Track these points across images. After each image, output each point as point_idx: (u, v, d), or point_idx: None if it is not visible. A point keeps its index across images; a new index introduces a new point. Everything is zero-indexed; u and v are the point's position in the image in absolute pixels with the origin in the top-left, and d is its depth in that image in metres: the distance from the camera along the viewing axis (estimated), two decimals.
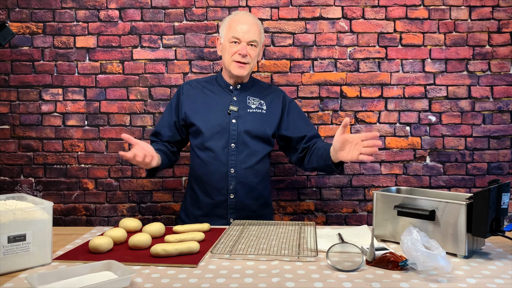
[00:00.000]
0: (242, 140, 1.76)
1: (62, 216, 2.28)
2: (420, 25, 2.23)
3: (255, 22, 1.77)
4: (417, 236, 1.16)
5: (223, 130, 1.76)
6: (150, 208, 2.29)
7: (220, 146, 1.75)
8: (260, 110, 1.81)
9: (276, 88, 1.94)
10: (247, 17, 1.77)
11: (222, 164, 1.75)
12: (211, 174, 1.76)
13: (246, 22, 1.74)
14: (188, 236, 1.38)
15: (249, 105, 1.80)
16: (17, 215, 1.15)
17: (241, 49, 1.72)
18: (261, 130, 1.78)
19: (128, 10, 2.24)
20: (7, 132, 2.26)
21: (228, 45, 1.75)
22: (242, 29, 1.72)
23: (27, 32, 2.24)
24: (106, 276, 1.08)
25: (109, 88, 2.26)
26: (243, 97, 1.82)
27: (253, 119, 1.78)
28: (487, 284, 1.07)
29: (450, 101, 2.24)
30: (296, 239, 1.40)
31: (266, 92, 1.87)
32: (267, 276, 1.12)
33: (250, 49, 1.73)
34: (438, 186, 2.26)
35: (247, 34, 1.72)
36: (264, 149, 1.81)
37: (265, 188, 1.84)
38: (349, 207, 2.28)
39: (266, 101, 1.84)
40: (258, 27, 1.77)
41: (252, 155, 1.77)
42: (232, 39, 1.73)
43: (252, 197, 1.79)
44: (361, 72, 2.24)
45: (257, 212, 1.80)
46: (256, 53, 1.77)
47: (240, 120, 1.77)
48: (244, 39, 1.72)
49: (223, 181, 1.75)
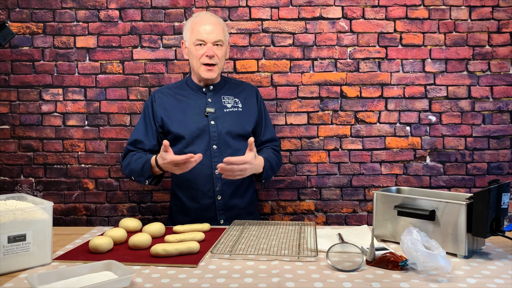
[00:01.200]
0: (224, 140, 1.75)
1: (62, 216, 2.28)
2: (420, 25, 2.23)
3: (217, 21, 1.76)
4: (417, 236, 1.16)
5: (203, 132, 1.74)
6: (150, 208, 2.29)
7: (201, 149, 1.72)
8: (236, 108, 1.81)
9: (247, 84, 1.94)
10: (209, 17, 1.75)
11: (205, 167, 1.72)
12: (195, 178, 1.74)
13: (209, 22, 1.73)
14: (188, 236, 1.38)
15: (225, 105, 1.80)
16: (17, 215, 1.15)
17: (207, 50, 1.70)
18: (241, 129, 1.78)
19: (128, 10, 2.24)
20: (7, 132, 2.26)
21: (194, 48, 1.73)
22: (205, 30, 1.71)
23: (27, 32, 2.24)
24: (106, 276, 1.08)
25: (109, 88, 2.26)
26: (217, 97, 1.81)
27: (231, 118, 1.78)
28: (487, 284, 1.07)
29: (450, 101, 2.24)
30: (296, 239, 1.40)
31: (238, 89, 1.87)
32: (267, 276, 1.12)
33: (216, 49, 1.72)
34: (438, 186, 2.26)
35: (212, 35, 1.71)
36: (245, 146, 1.78)
37: (249, 185, 1.84)
38: (349, 207, 2.28)
39: (241, 99, 1.83)
40: (221, 26, 1.76)
41: (234, 154, 1.73)
42: (197, 41, 1.72)
43: (238, 195, 1.78)
44: (361, 72, 2.24)
45: (245, 209, 1.80)
46: (222, 52, 1.75)
47: (218, 121, 1.76)
48: (209, 40, 1.70)
49: (209, 184, 1.74)
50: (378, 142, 2.26)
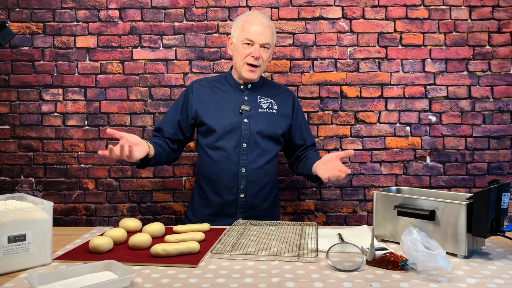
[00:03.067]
0: (254, 139, 1.75)
1: (62, 216, 2.28)
2: (420, 25, 2.23)
3: (268, 24, 1.76)
4: (417, 236, 1.16)
5: (235, 129, 1.75)
6: (150, 208, 2.29)
7: (231, 145, 1.74)
8: (271, 110, 1.81)
9: (286, 88, 1.94)
10: (261, 18, 1.75)
11: (233, 163, 1.74)
12: (221, 173, 1.75)
13: (260, 23, 1.72)
14: (188, 236, 1.38)
15: (260, 105, 1.80)
16: (17, 215, 1.15)
17: (254, 51, 1.70)
18: (272, 130, 1.78)
19: (128, 10, 2.24)
20: (7, 132, 2.26)
21: (241, 47, 1.73)
22: (256, 31, 1.71)
23: (27, 32, 2.24)
24: (106, 276, 1.08)
25: (109, 88, 2.26)
26: (254, 96, 1.81)
27: (264, 119, 1.78)
28: (487, 284, 1.07)
29: (450, 101, 2.24)
30: (296, 239, 1.40)
31: (276, 91, 1.87)
32: (267, 276, 1.12)
33: (262, 51, 1.72)
34: (438, 186, 2.26)
35: (261, 36, 1.71)
36: (274, 148, 1.81)
37: (273, 187, 1.84)
38: (349, 207, 2.28)
39: (277, 101, 1.84)
40: (271, 29, 1.76)
41: (262, 154, 1.77)
42: (245, 40, 1.72)
43: (261, 196, 1.79)
44: (361, 72, 2.24)
45: (266, 211, 1.81)
46: (268, 55, 1.76)
47: (251, 119, 1.76)
48: (258, 41, 1.71)
49: (234, 180, 1.75)
50: (378, 142, 2.26)
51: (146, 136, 2.26)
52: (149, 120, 2.26)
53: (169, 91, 2.25)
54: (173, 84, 2.25)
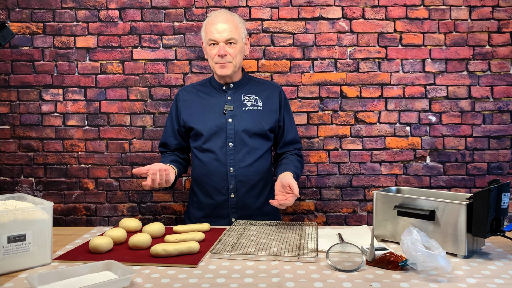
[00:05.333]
0: (240, 138, 1.76)
1: (62, 216, 2.28)
2: (420, 25, 2.23)
3: (230, 18, 1.76)
4: (417, 236, 1.16)
5: (220, 130, 1.76)
6: (150, 208, 2.29)
7: (218, 146, 1.76)
8: (256, 107, 1.81)
9: (272, 83, 1.94)
10: (221, 16, 1.76)
11: (221, 164, 1.76)
12: (211, 174, 1.77)
13: (220, 21, 1.73)
14: (188, 236, 1.38)
15: (245, 103, 1.81)
16: (17, 215, 1.15)
17: (218, 50, 1.72)
18: (259, 127, 1.78)
19: (128, 10, 2.24)
20: (7, 132, 2.26)
21: (208, 48, 1.76)
22: (217, 29, 1.72)
23: (27, 32, 2.24)
24: (106, 276, 1.08)
25: (109, 88, 2.26)
26: (237, 95, 1.82)
27: (250, 116, 1.78)
28: (487, 284, 1.07)
29: (450, 101, 2.24)
30: (296, 239, 1.40)
31: (261, 87, 1.87)
32: (267, 276, 1.12)
33: (229, 47, 1.73)
34: (438, 186, 2.26)
35: (223, 34, 1.72)
36: (263, 145, 1.81)
37: (266, 185, 1.83)
38: (349, 207, 2.28)
39: (262, 97, 1.83)
40: (235, 23, 1.76)
41: (250, 153, 1.77)
42: (210, 41, 1.74)
43: (253, 195, 1.78)
44: (361, 72, 2.24)
45: (260, 210, 1.80)
46: (237, 50, 1.75)
47: (236, 118, 1.77)
48: (221, 39, 1.72)
49: (223, 181, 1.76)
50: (378, 142, 2.26)
51: (146, 136, 2.26)
52: (149, 120, 2.26)
53: (169, 91, 2.25)
54: (173, 84, 2.25)
